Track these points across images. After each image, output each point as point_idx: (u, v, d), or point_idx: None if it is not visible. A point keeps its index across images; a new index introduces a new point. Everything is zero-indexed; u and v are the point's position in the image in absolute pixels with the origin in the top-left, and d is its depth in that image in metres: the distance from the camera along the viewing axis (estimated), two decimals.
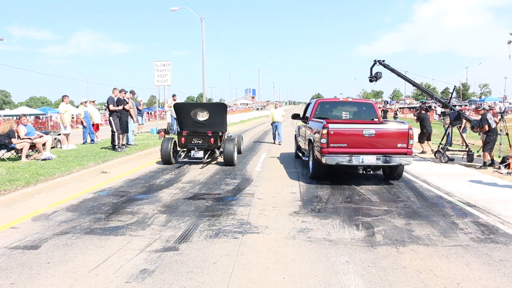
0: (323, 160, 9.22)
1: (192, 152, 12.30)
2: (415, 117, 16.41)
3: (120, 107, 14.12)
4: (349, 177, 10.58)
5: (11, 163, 11.43)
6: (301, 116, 13.05)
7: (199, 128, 12.51)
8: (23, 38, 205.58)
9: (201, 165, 12.30)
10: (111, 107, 14.08)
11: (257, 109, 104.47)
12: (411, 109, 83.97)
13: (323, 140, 9.19)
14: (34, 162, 11.50)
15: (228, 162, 12.12)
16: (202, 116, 12.74)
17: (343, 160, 9.16)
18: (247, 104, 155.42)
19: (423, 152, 15.94)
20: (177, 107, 12.92)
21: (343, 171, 10.91)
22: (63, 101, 16.25)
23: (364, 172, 9.51)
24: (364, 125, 9.67)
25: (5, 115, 56.00)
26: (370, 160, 9.18)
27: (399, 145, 9.25)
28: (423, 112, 16.61)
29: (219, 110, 12.77)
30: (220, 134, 12.62)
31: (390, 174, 10.28)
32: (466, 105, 73.38)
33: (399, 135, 9.33)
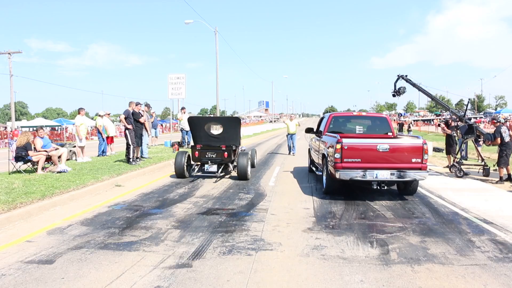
0: (337, 175, 9.16)
1: (206, 166, 12.31)
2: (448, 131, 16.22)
3: (130, 126, 14.23)
4: (363, 192, 10.50)
5: (27, 175, 11.58)
6: (314, 130, 13.05)
7: (213, 142, 12.55)
8: (41, 50, 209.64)
9: (214, 179, 12.31)
10: (126, 124, 14.23)
11: (271, 121, 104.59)
12: (426, 122, 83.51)
13: (337, 155, 9.14)
14: (50, 175, 11.63)
15: (242, 176, 12.12)
16: (216, 130, 12.81)
17: (357, 175, 9.08)
18: (261, 116, 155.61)
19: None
20: (191, 121, 13.00)
21: (357, 186, 10.84)
22: (79, 113, 16.47)
23: (378, 187, 9.38)
24: (378, 139, 9.61)
25: (21, 126, 57.02)
26: (384, 175, 9.09)
27: (413, 160, 9.16)
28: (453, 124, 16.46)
29: (233, 124, 12.80)
30: (234, 148, 12.62)
31: (405, 189, 10.16)
32: (481, 117, 72.73)
33: (413, 150, 9.23)
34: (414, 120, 78.88)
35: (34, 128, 59.90)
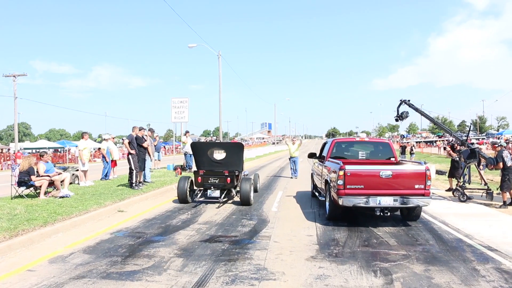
0: (340, 202, 9.14)
1: (209, 191, 12.29)
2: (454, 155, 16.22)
3: (133, 151, 14.29)
4: (366, 218, 10.46)
5: (29, 200, 11.59)
6: (317, 155, 13.07)
7: (216, 167, 12.56)
8: (45, 72, 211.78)
9: (217, 205, 12.29)
10: (130, 149, 14.31)
11: (273, 143, 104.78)
12: (428, 143, 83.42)
13: (340, 182, 9.12)
14: (52, 200, 11.63)
15: (245, 202, 12.09)
16: (219, 155, 12.80)
17: (360, 201, 9.05)
18: (263, 138, 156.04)
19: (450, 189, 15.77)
20: (194, 146, 13.04)
21: (360, 211, 10.80)
22: (82, 137, 16.55)
23: (382, 214, 9.32)
24: (380, 166, 9.62)
25: (25, 148, 57.22)
26: (388, 201, 9.06)
27: (416, 186, 9.13)
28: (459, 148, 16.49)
29: (235, 149, 12.83)
30: (237, 173, 12.59)
31: (408, 215, 10.12)
32: (483, 139, 72.65)
33: (416, 176, 9.21)
34: (416, 142, 78.82)
35: (37, 150, 60.22)
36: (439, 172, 23.70)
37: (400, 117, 15.28)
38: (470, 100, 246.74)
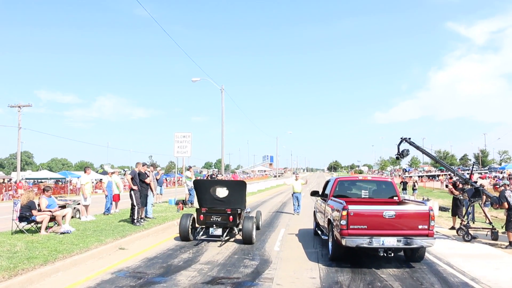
0: (343, 242, 9.05)
1: (211, 229, 12.20)
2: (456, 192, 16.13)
3: (136, 187, 14.31)
4: (369, 258, 10.32)
5: (30, 235, 11.52)
6: (320, 193, 13.08)
7: (218, 205, 12.48)
8: (50, 102, 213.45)
9: (219, 243, 12.15)
10: (132, 185, 14.34)
11: (275, 176, 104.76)
12: (430, 178, 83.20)
13: (343, 222, 9.06)
14: (53, 236, 11.55)
15: (247, 241, 12.00)
16: (222, 193, 12.73)
17: (364, 242, 8.97)
18: (265, 171, 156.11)
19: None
20: (197, 183, 13.04)
21: (363, 251, 10.68)
22: (85, 172, 16.58)
23: (385, 254, 9.19)
24: (384, 206, 9.61)
25: (27, 178, 57.14)
26: (391, 242, 8.98)
27: (420, 227, 9.07)
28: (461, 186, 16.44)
29: (238, 187, 12.80)
30: (239, 211, 12.55)
31: (412, 255, 9.99)
32: (486, 173, 72.44)
33: (419, 216, 9.17)
34: (418, 176, 78.57)
35: (39, 181, 60.22)
36: (442, 209, 23.51)
37: (401, 155, 15.32)
38: (472, 133, 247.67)
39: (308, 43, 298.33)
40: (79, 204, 16.80)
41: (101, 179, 43.98)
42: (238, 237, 12.89)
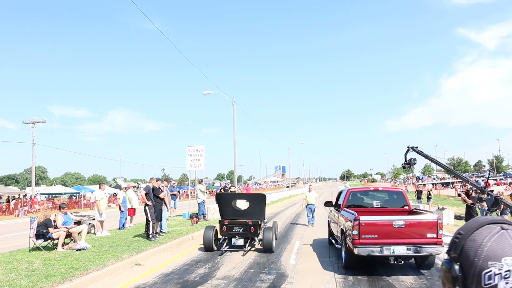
0: (355, 251, 9.35)
1: (233, 239, 12.83)
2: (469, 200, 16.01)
3: (150, 203, 14.41)
4: (383, 266, 10.47)
5: (47, 253, 11.63)
6: (333, 203, 13.37)
7: (240, 217, 13.09)
8: (62, 116, 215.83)
9: (235, 254, 12.45)
10: (146, 201, 14.44)
11: (287, 186, 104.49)
12: (444, 185, 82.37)
13: (355, 232, 9.35)
14: (70, 253, 11.65)
15: (268, 249, 12.63)
16: (243, 205, 13.33)
17: (375, 250, 9.27)
18: (277, 181, 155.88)
19: None
20: (219, 197, 13.80)
21: (375, 259, 10.70)
22: (100, 188, 16.74)
23: (396, 262, 9.48)
24: (393, 216, 10.02)
25: (41, 193, 57.65)
26: (401, 250, 9.25)
27: (428, 235, 9.35)
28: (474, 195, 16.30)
29: (258, 200, 13.51)
30: (259, 222, 13.16)
31: (422, 263, 10.25)
32: (501, 179, 71.63)
33: (428, 225, 9.46)
34: (432, 184, 77.83)
35: (54, 196, 60.77)
36: (458, 217, 23.16)
37: (408, 164, 15.17)
38: (485, 139, 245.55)
39: (318, 53, 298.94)
40: (94, 219, 16.93)
41: (115, 193, 44.25)
42: (257, 246, 13.40)
